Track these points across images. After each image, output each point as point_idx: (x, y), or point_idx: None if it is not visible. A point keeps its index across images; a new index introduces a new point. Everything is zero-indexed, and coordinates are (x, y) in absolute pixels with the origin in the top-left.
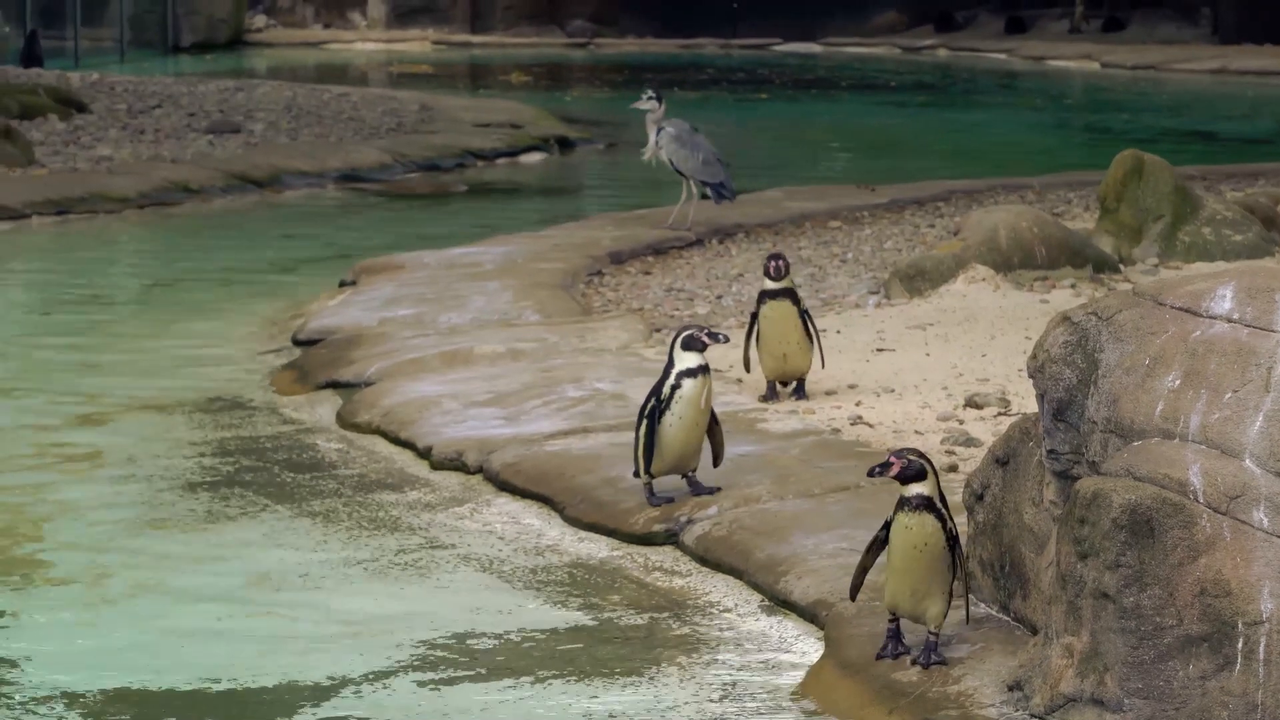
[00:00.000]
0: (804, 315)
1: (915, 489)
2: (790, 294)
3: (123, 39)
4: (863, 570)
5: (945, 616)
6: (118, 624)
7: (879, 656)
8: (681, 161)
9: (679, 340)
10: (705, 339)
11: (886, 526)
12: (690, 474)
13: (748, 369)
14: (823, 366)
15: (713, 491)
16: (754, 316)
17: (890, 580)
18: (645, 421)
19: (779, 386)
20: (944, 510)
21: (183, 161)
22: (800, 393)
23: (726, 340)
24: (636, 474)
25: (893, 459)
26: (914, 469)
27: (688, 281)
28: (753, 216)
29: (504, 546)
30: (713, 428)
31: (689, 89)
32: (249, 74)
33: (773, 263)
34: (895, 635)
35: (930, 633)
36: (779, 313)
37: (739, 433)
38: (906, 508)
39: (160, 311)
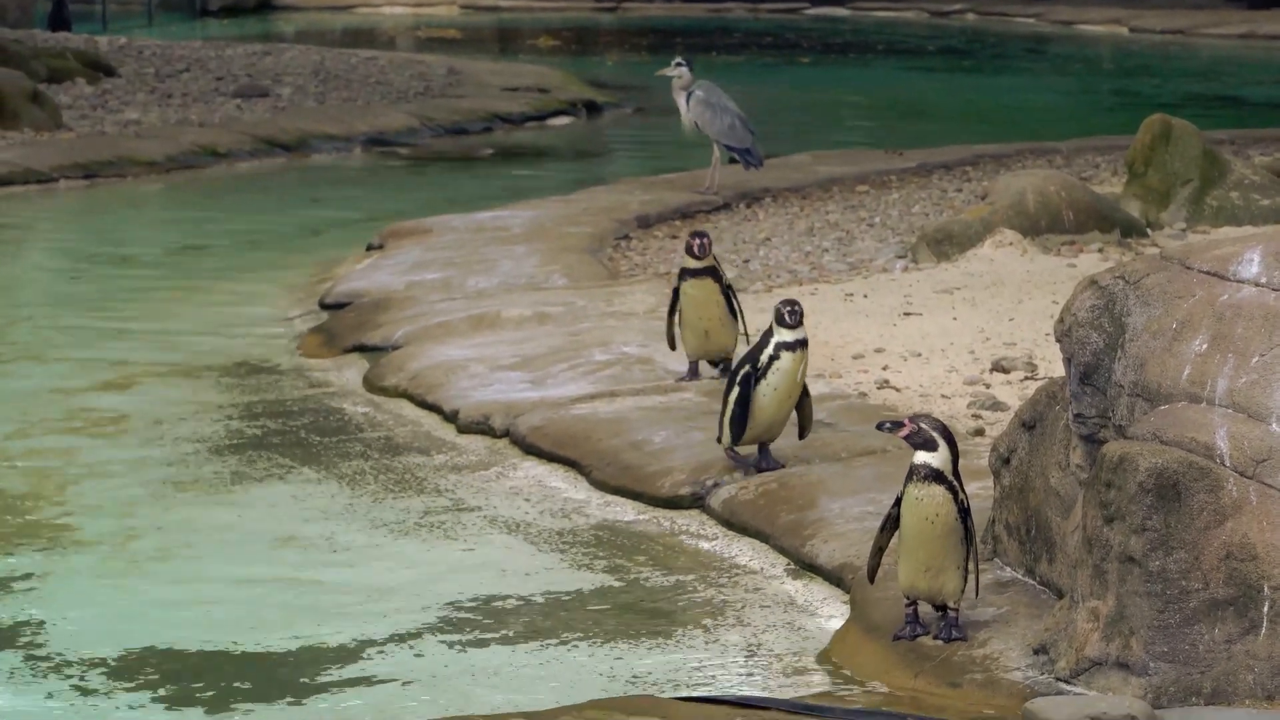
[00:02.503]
0: (727, 292)
1: (923, 458)
2: (712, 272)
3: (150, 3)
4: (879, 550)
5: (964, 592)
6: (144, 586)
7: (896, 638)
8: (707, 125)
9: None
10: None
11: (898, 503)
12: (766, 443)
13: (672, 347)
14: (747, 343)
15: (777, 468)
16: (675, 294)
17: (904, 559)
18: (739, 389)
19: (704, 365)
20: (955, 482)
21: (210, 125)
22: (727, 371)
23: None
24: (719, 440)
25: (906, 420)
26: (923, 437)
27: (715, 245)
28: (780, 181)
29: (530, 509)
30: (802, 400)
31: (717, 53)
32: (276, 38)
33: (695, 241)
34: (913, 619)
35: (950, 608)
36: (701, 291)
37: None
38: (915, 478)
39: (187, 275)
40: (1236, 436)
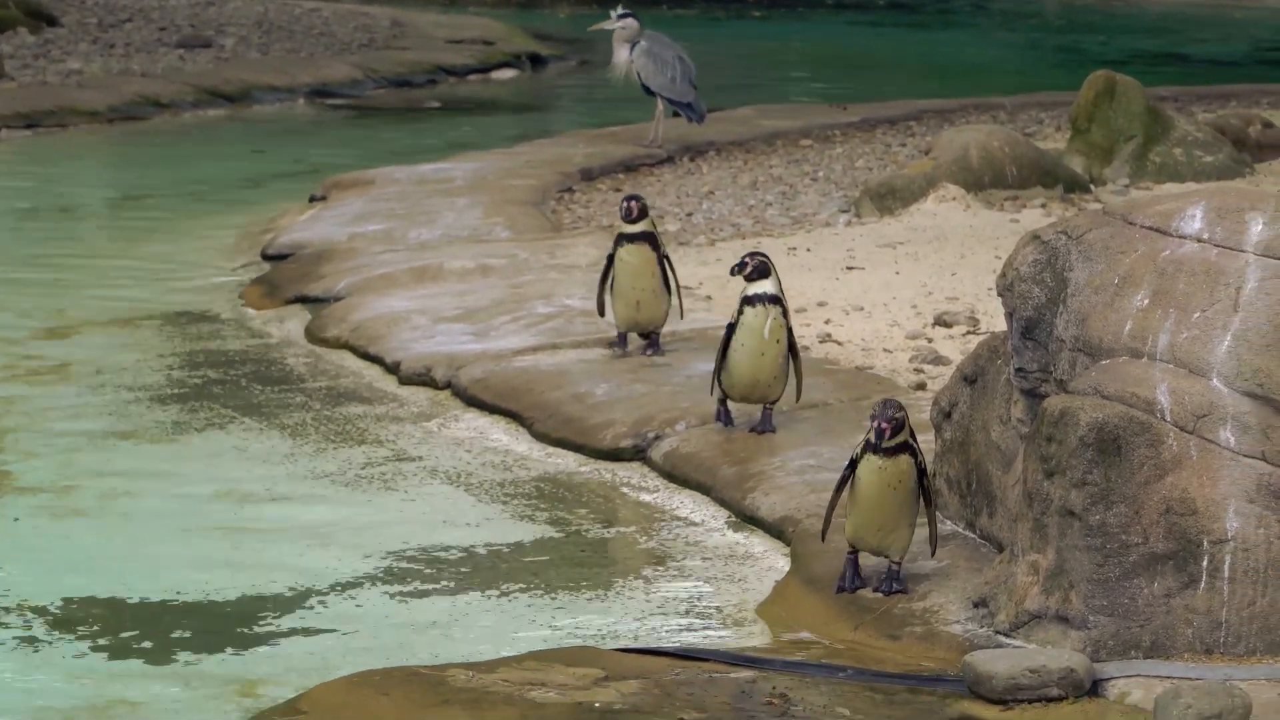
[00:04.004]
0: (663, 261)
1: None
2: (649, 238)
3: None
4: (832, 510)
5: (908, 547)
6: (84, 535)
7: (838, 590)
8: (650, 78)
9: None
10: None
11: (853, 465)
12: (769, 406)
13: (601, 313)
14: (680, 318)
15: (767, 431)
16: (610, 258)
17: (855, 516)
18: (721, 342)
19: (632, 338)
20: (916, 445)
21: (153, 76)
22: (655, 347)
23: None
24: (711, 392)
25: (883, 425)
26: (899, 430)
27: (658, 199)
28: (724, 134)
29: (471, 461)
30: (795, 360)
31: (667, 6)
32: None
33: (627, 204)
34: (854, 568)
35: (893, 562)
36: (636, 258)
37: (708, 349)
38: (882, 453)
39: (129, 225)
40: (1177, 391)
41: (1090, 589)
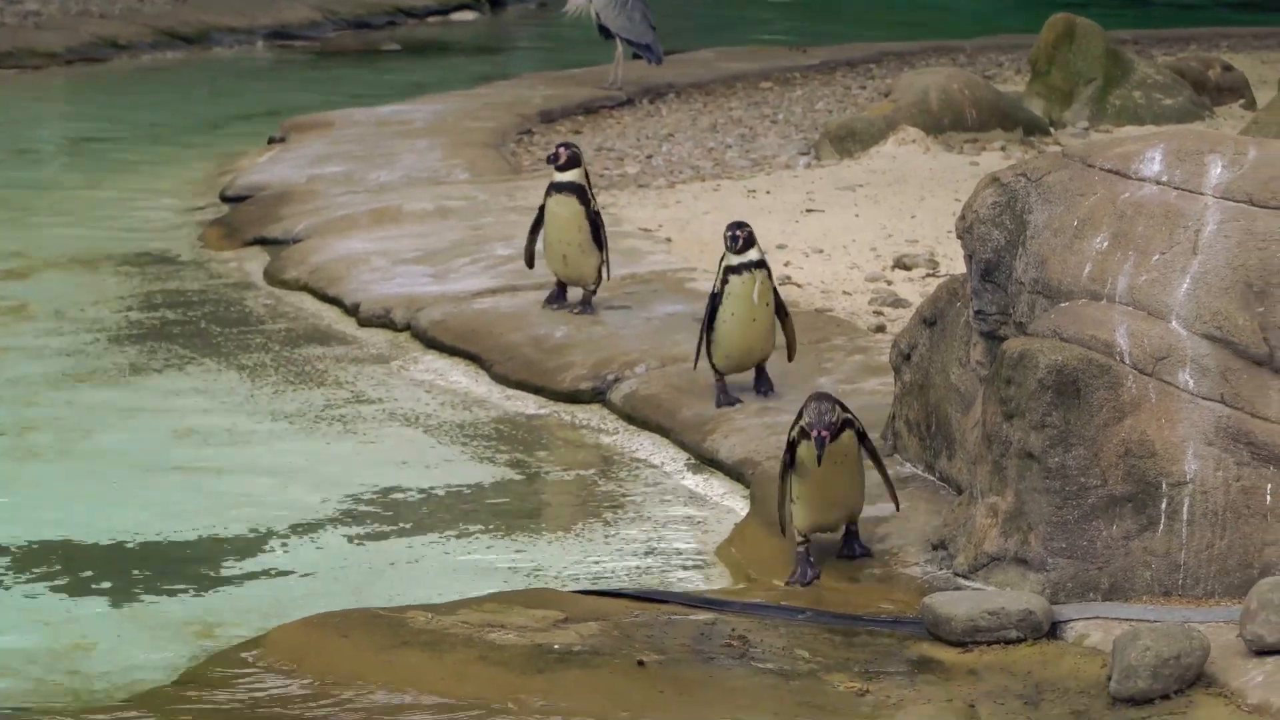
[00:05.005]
0: (593, 218)
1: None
2: (578, 189)
3: None
4: (784, 501)
5: (862, 508)
6: (43, 476)
7: (789, 583)
8: (609, 19)
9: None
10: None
11: (791, 449)
12: (762, 366)
13: (529, 264)
14: (607, 278)
15: (769, 393)
16: (540, 210)
17: (806, 502)
18: (705, 315)
19: (570, 290)
20: (850, 415)
21: (111, 17)
22: (586, 307)
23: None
24: (695, 366)
25: (823, 433)
26: (839, 428)
27: (618, 141)
28: (684, 77)
29: (431, 402)
30: (784, 321)
31: None
32: None
33: (557, 149)
34: (807, 560)
35: (851, 526)
36: (564, 210)
37: (668, 292)
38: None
39: (88, 168)
40: (1136, 334)
41: (1049, 531)
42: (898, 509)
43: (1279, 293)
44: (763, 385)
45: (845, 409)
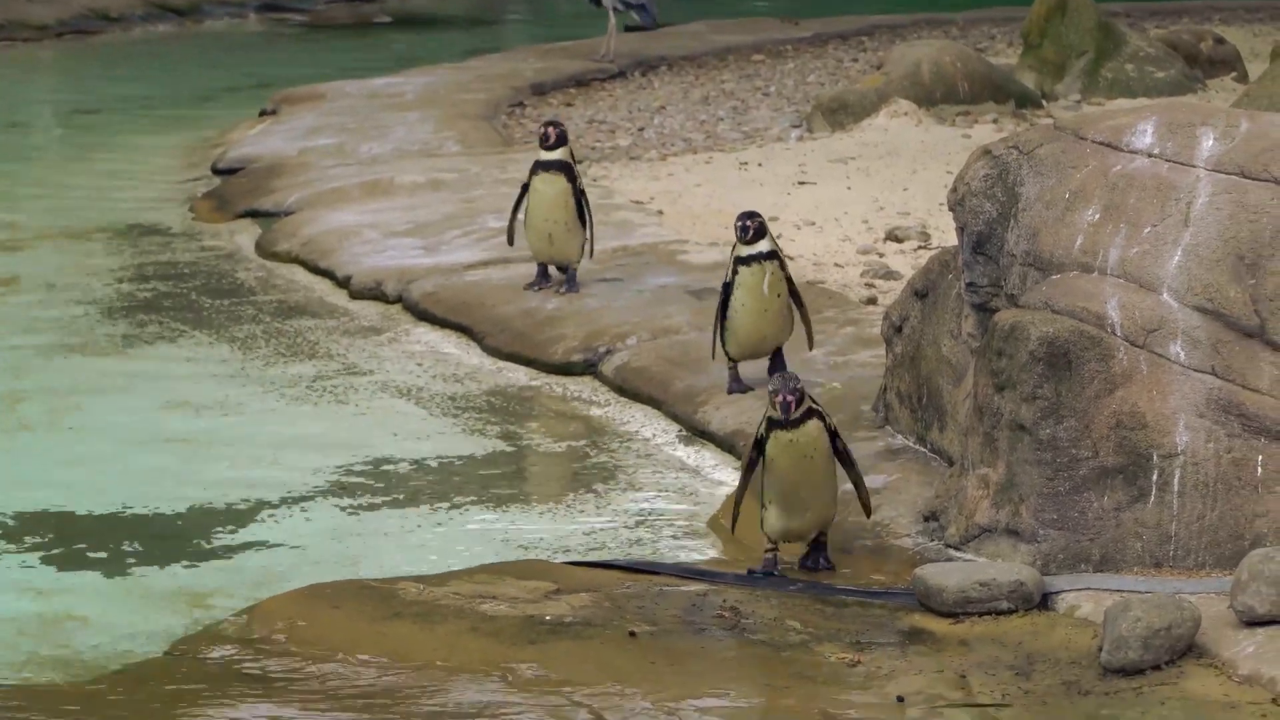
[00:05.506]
0: (579, 196)
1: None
2: (565, 168)
3: None
4: (740, 498)
5: (834, 517)
6: (35, 448)
7: (752, 572)
8: None
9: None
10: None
11: (758, 446)
12: (778, 352)
13: (510, 242)
14: (590, 256)
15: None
16: (524, 187)
17: (776, 504)
18: (719, 304)
19: (552, 271)
20: (819, 408)
21: None
22: (571, 285)
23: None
24: (714, 356)
25: (788, 398)
26: (801, 400)
27: (610, 113)
28: (676, 49)
29: (422, 374)
30: (800, 309)
31: None
32: None
33: (545, 129)
34: (774, 563)
35: (821, 535)
36: (550, 188)
37: (659, 264)
38: (784, 426)
39: (79, 140)
40: (1128, 306)
41: (1040, 503)
42: (868, 516)
43: (1270, 265)
44: (778, 370)
45: (815, 401)
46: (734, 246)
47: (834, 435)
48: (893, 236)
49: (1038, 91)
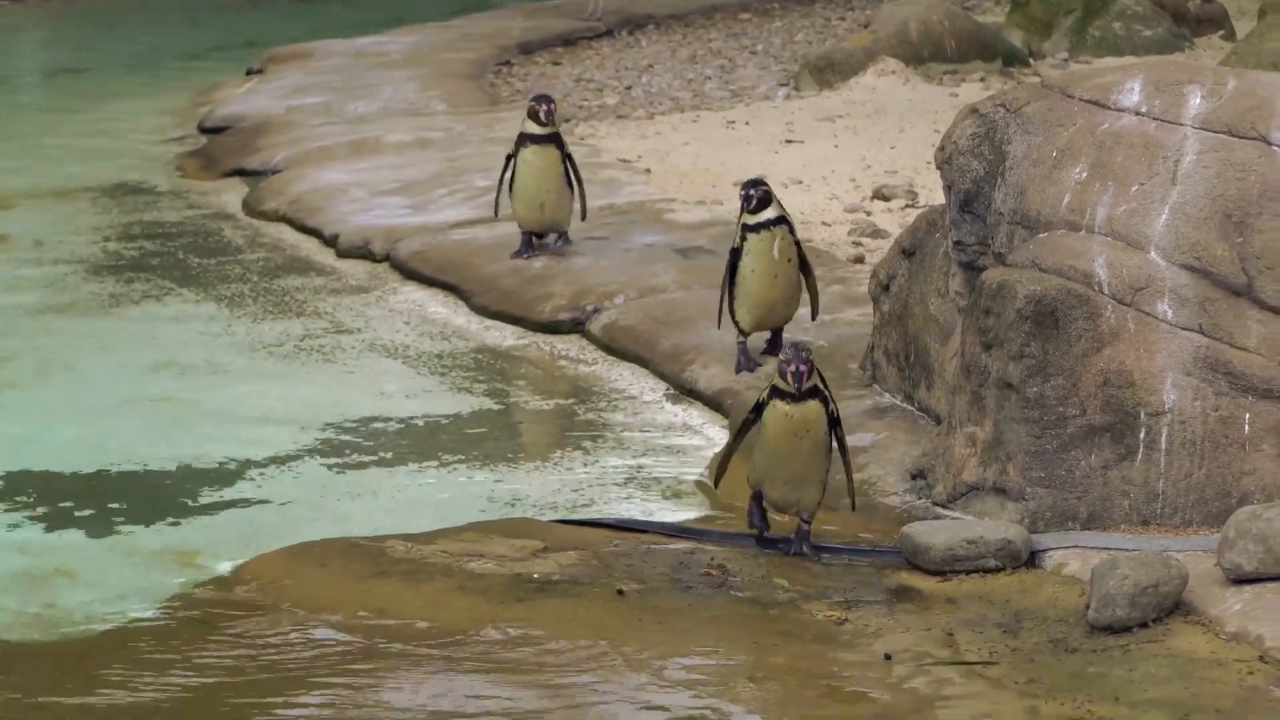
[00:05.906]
0: (567, 160)
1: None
2: (556, 139)
3: None
4: (728, 456)
5: (820, 504)
6: (21, 406)
7: (755, 532)
8: None
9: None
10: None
11: (758, 409)
12: (779, 330)
13: (496, 214)
14: (583, 219)
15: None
16: (509, 159)
17: (760, 465)
18: (725, 273)
19: (536, 240)
20: (827, 392)
21: None
22: (564, 239)
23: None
24: (719, 326)
25: (800, 367)
26: (811, 374)
27: (597, 72)
28: (663, 7)
29: (410, 333)
30: (808, 278)
31: None
32: None
33: (541, 106)
34: (760, 512)
35: (802, 520)
36: (543, 159)
37: (646, 222)
38: (788, 399)
39: (65, 98)
40: (1115, 264)
41: (1028, 461)
42: (853, 509)
43: (1257, 223)
44: (776, 350)
45: (824, 385)
46: (740, 215)
47: (835, 423)
48: (880, 195)
49: (1025, 50)
